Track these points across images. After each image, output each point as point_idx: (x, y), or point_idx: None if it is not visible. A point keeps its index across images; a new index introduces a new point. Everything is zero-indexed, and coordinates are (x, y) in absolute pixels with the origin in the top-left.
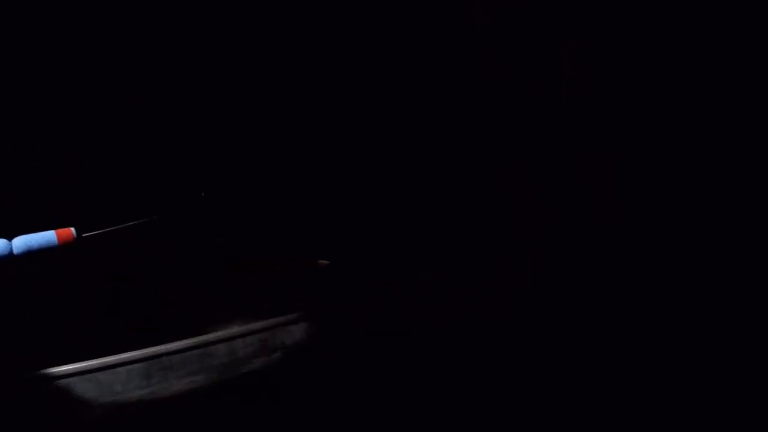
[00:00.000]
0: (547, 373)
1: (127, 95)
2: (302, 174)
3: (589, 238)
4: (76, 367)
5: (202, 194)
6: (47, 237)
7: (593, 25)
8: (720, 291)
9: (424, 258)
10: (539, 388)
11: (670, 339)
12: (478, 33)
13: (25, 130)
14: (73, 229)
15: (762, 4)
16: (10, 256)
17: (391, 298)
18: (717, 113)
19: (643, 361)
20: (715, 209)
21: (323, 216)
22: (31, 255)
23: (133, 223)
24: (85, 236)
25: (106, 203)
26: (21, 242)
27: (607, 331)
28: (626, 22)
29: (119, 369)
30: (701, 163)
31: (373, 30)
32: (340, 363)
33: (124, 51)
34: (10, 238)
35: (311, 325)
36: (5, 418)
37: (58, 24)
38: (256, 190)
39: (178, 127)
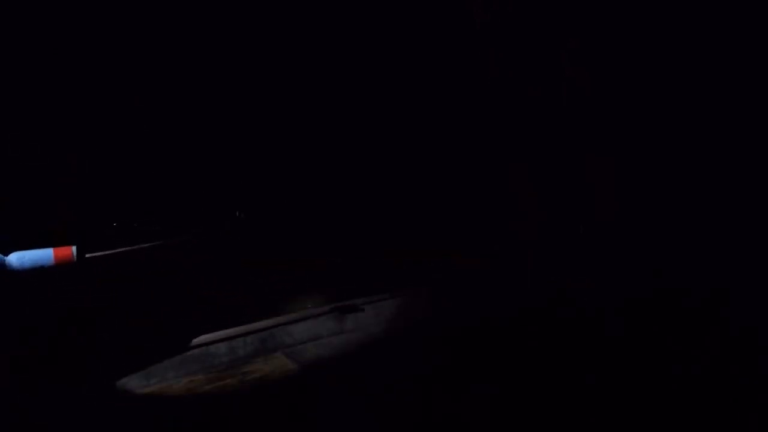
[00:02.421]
0: (546, 371)
1: (127, 95)
2: (303, 180)
3: (588, 237)
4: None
5: (239, 214)
6: (44, 255)
7: (593, 25)
8: (720, 290)
9: (424, 257)
10: (539, 385)
11: (669, 338)
12: (478, 33)
13: (25, 130)
14: (73, 249)
15: (760, 6)
16: (3, 270)
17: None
18: (716, 113)
19: (643, 360)
20: (715, 208)
21: (327, 218)
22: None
23: (137, 246)
24: (87, 257)
25: (106, 203)
26: (16, 258)
27: (606, 329)
28: (626, 22)
29: None
30: (701, 162)
31: (374, 30)
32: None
33: (124, 51)
34: (7, 247)
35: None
36: None
37: (58, 24)
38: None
39: (179, 127)
